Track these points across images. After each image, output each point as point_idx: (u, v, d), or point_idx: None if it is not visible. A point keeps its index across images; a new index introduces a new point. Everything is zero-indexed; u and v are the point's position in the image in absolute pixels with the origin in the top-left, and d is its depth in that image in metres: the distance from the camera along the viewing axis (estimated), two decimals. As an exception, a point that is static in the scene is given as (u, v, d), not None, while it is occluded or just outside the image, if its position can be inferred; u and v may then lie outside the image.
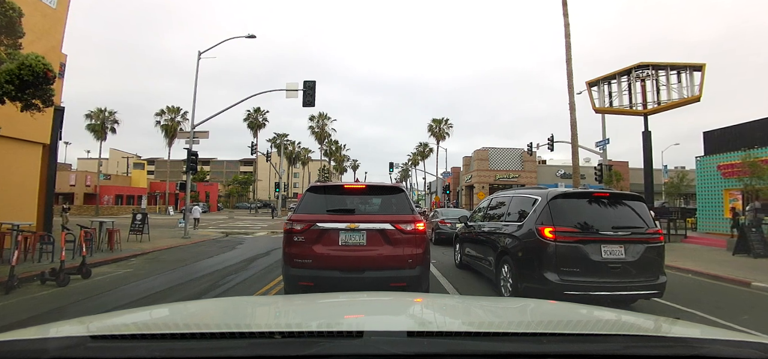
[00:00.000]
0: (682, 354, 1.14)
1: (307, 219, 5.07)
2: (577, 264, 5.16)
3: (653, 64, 20.21)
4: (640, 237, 5.40)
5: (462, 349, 1.13)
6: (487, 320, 1.75)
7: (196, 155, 16.72)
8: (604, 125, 23.13)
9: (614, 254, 5.22)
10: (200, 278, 8.18)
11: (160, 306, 3.44)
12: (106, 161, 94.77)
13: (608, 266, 5.16)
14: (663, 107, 19.77)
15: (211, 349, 1.10)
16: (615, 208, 5.67)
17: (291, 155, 62.42)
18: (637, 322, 1.64)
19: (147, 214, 15.51)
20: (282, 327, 1.36)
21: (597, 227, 5.31)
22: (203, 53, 17.67)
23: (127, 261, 10.60)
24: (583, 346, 1.14)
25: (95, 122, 45.68)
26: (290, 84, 16.51)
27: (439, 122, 54.74)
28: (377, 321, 1.73)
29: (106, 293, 6.85)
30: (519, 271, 5.69)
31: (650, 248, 5.39)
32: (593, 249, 5.19)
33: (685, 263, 10.50)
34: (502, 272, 6.16)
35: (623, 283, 5.21)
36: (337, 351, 1.05)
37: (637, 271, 5.24)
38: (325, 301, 2.23)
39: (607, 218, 5.47)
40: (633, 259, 5.25)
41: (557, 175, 47.38)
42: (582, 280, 5.10)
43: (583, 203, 5.69)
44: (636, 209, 5.64)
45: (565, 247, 5.20)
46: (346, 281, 4.79)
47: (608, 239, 5.25)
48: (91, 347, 1.09)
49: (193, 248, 13.56)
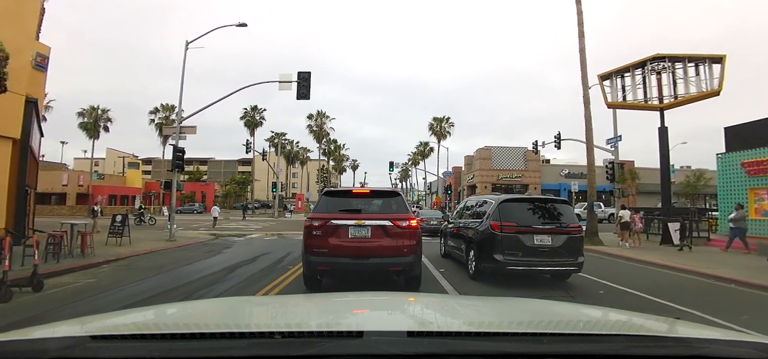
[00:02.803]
0: (682, 354, 1.13)
1: (324, 217, 6.15)
2: (517, 248, 7.10)
3: (670, 56, 19.04)
4: (563, 230, 7.31)
5: (462, 349, 1.11)
6: (487, 320, 1.71)
7: (183, 152, 15.56)
8: (616, 121, 21.98)
9: (543, 241, 7.20)
10: (168, 292, 6.98)
11: (160, 305, 3.45)
12: (103, 160, 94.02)
13: (539, 250, 7.14)
14: (680, 101, 18.60)
15: (211, 349, 1.09)
16: (547, 209, 7.57)
17: (289, 154, 61.25)
18: (637, 322, 1.65)
19: (127, 215, 14.34)
20: (282, 327, 1.35)
21: (531, 223, 7.31)
22: (191, 43, 16.52)
23: (95, 269, 9.45)
24: (583, 346, 1.14)
25: (87, 120, 44.51)
26: (283, 75, 15.35)
27: (440, 120, 53.61)
28: (377, 321, 1.73)
29: (49, 311, 5.68)
30: (479, 254, 7.65)
31: (571, 238, 7.31)
32: (528, 238, 7.15)
33: (720, 270, 9.35)
34: (469, 255, 8.12)
35: (550, 262, 7.22)
36: (337, 351, 1.04)
37: (561, 254, 7.19)
38: (325, 301, 2.27)
39: (539, 216, 7.45)
40: (558, 245, 7.19)
41: (561, 174, 46.20)
42: (520, 259, 7.09)
43: (523, 205, 7.75)
44: (562, 210, 7.61)
45: (508, 236, 7.15)
46: (354, 266, 6.03)
47: (539, 231, 7.24)
48: (91, 347, 1.09)
49: (174, 254, 12.39)
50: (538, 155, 42.18)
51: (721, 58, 18.24)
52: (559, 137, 27.25)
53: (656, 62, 19.20)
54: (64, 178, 48.94)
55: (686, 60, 18.85)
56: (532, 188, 44.59)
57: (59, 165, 57.84)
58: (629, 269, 10.20)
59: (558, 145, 27.22)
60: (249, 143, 37.96)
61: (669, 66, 18.99)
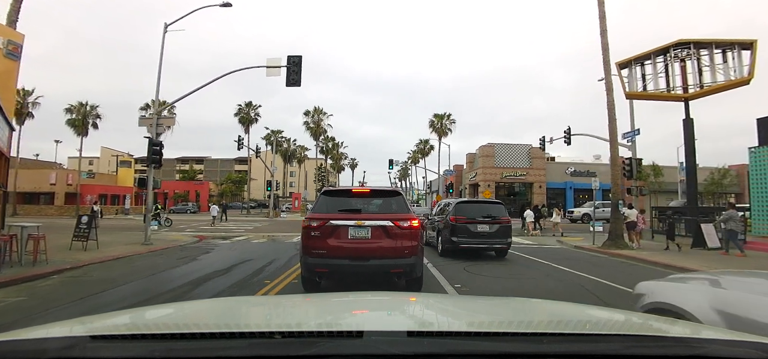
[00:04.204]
0: (682, 354, 1.12)
1: (323, 217, 5.92)
2: (465, 233, 10.79)
3: (695, 42, 17.49)
4: (496, 221, 11.11)
5: (462, 349, 1.11)
6: (488, 320, 1.70)
7: (160, 145, 13.95)
8: (633, 114, 20.32)
9: (483, 228, 10.94)
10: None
11: (159, 306, 3.29)
12: (98, 159, 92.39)
13: (480, 234, 10.88)
14: (707, 90, 17.05)
15: (210, 349, 1.09)
16: (486, 207, 11.68)
17: (286, 152, 59.58)
18: (637, 322, 1.64)
19: (95, 216, 12.73)
20: (282, 327, 1.34)
21: (475, 216, 11.04)
22: (170, 25, 14.93)
23: (38, 282, 7.86)
24: (583, 346, 1.14)
25: (76, 117, 42.66)
26: (271, 60, 13.74)
27: (441, 117, 51.91)
28: (377, 321, 1.72)
29: None
30: (442, 237, 11.21)
31: (502, 226, 11.10)
32: (473, 226, 10.88)
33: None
34: (439, 240, 11.60)
35: (488, 241, 11.01)
36: (337, 351, 1.04)
37: (495, 236, 11.00)
38: (325, 301, 2.29)
39: (482, 212, 11.29)
40: (493, 231, 10.99)
41: (567, 172, 44.60)
42: (468, 240, 10.74)
43: (472, 205, 12.17)
44: (497, 209, 11.54)
45: (460, 225, 10.85)
46: (354, 268, 5.85)
47: (480, 222, 10.96)
48: (91, 347, 1.08)
49: (141, 261, 10.79)
50: (544, 153, 40.54)
51: (751, 43, 16.71)
52: (569, 132, 25.66)
53: (680, 48, 17.64)
54: (52, 177, 47.31)
55: (712, 46, 17.30)
56: (536, 186, 43.00)
57: (47, 163, 56.15)
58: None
59: (568, 141, 25.64)
60: (241, 139, 36.22)
61: (694, 53, 17.44)
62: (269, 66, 13.75)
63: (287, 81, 13.60)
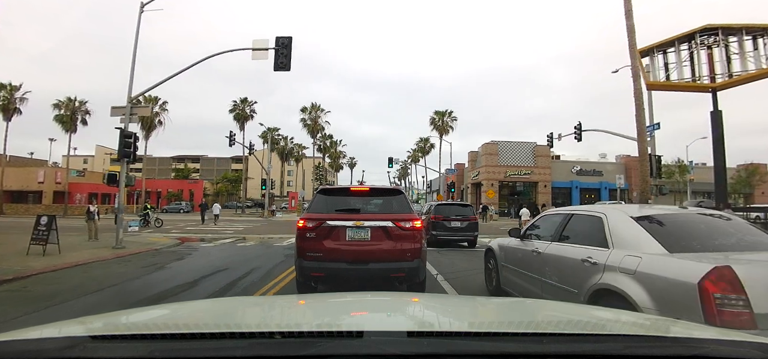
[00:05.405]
0: (682, 354, 1.11)
1: (319, 217, 5.56)
2: (442, 228, 13.85)
3: (723, 27, 16.06)
4: (466, 219, 14.23)
5: (462, 349, 1.10)
6: (488, 320, 1.71)
7: (132, 137, 12.45)
8: (652, 106, 18.86)
9: (455, 224, 14.00)
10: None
11: (159, 306, 3.20)
12: (92, 158, 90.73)
13: (453, 229, 13.96)
14: (736, 79, 15.64)
15: (210, 349, 1.08)
16: (460, 208, 15.11)
17: (283, 150, 57.99)
18: (637, 322, 1.64)
19: (55, 217, 11.22)
20: (282, 327, 1.34)
21: (450, 215, 14.16)
22: (146, 5, 13.43)
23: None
24: (583, 346, 1.12)
25: (64, 113, 41.03)
26: (258, 41, 12.24)
27: (442, 114, 50.33)
28: (377, 321, 1.70)
29: None
30: (426, 232, 10.36)
31: (470, 223, 14.20)
32: (448, 223, 13.95)
33: None
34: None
35: (460, 235, 14.02)
36: (338, 351, 1.03)
37: (465, 231, 14.07)
38: (325, 301, 2.28)
39: (455, 211, 14.48)
40: (463, 227, 14.05)
41: (573, 171, 43.15)
42: (444, 234, 13.76)
43: (446, 206, 15.41)
44: (467, 210, 14.96)
45: (438, 222, 13.90)
46: (352, 272, 5.44)
47: (453, 219, 14.02)
48: (91, 347, 1.08)
49: (101, 270, 9.27)
50: (549, 151, 39.12)
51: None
52: (580, 127, 24.23)
53: (706, 35, 16.21)
54: (41, 175, 45.81)
55: (743, 32, 15.86)
56: (541, 185, 41.54)
57: (36, 161, 54.55)
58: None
59: (579, 137, 24.20)
60: (233, 135, 34.67)
61: (722, 39, 15.99)
62: (256, 48, 12.24)
63: (275, 65, 12.11)
